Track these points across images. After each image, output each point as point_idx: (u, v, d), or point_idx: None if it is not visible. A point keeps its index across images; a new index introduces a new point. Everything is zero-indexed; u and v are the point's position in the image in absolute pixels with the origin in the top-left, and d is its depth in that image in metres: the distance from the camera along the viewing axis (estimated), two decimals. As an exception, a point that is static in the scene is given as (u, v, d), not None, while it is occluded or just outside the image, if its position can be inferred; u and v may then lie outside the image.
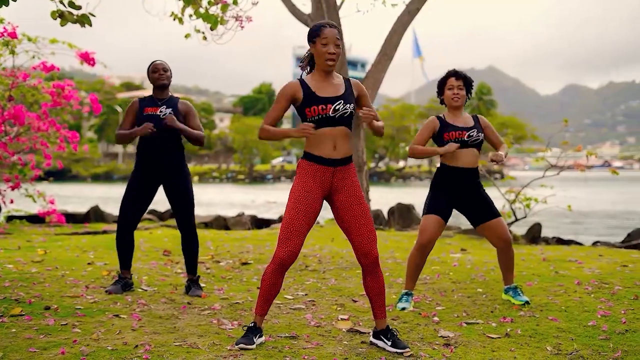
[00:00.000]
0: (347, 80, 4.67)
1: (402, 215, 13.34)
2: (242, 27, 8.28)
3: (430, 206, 5.86)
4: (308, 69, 4.66)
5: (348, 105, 4.52)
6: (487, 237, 5.97)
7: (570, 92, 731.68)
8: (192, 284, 6.29)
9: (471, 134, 5.81)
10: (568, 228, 19.13)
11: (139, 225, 11.89)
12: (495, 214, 5.88)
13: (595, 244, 11.83)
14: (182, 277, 7.02)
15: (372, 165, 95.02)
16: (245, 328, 4.65)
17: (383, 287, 4.65)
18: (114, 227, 12.10)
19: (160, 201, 8.75)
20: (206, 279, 6.88)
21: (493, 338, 4.76)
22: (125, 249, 6.30)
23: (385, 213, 14.14)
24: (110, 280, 6.68)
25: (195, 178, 76.44)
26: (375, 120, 4.57)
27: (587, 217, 23.26)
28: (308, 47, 4.65)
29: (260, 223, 14.32)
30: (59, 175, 51.25)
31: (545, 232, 12.29)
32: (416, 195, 37.22)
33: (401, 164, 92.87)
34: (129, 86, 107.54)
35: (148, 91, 6.56)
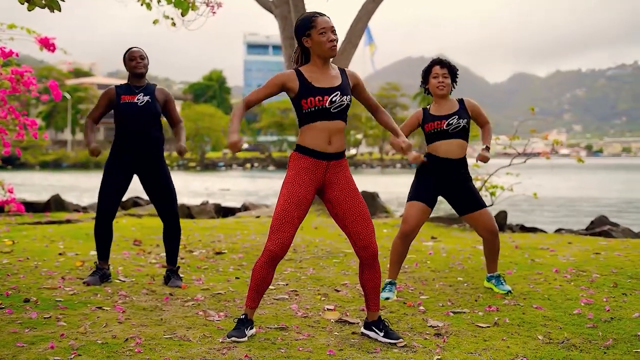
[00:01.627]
0: (342, 71, 4.59)
1: (366, 203, 13.29)
2: (214, 12, 8.17)
3: (415, 193, 5.82)
4: (299, 65, 4.56)
5: (345, 97, 4.44)
6: (473, 227, 5.96)
7: (518, 81, 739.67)
8: (172, 274, 6.19)
9: (451, 122, 5.75)
10: (530, 215, 19.33)
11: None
12: (481, 205, 5.86)
13: (558, 231, 11.94)
14: (158, 267, 6.91)
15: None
16: (235, 320, 4.57)
17: (379, 281, 4.61)
18: (76, 216, 11.90)
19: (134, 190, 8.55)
20: (182, 269, 6.77)
21: (482, 327, 4.76)
22: (104, 239, 6.17)
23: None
24: (85, 270, 6.55)
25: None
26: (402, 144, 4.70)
27: (547, 204, 23.53)
28: (258, 34, 4.56)
29: (225, 211, 14.20)
30: (7, 163, 50.15)
31: (509, 220, 12.35)
32: (376, 184, 37.41)
33: (352, 151, 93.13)
34: (77, 73, 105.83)
35: (97, 78, 6.41)
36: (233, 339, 4.32)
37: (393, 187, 36.93)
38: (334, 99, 4.39)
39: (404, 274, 6.66)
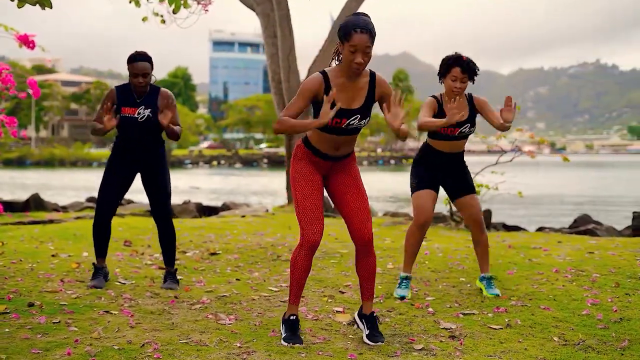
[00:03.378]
0: (372, 81, 4.40)
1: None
2: (207, 10, 8.07)
3: (419, 182, 5.82)
4: (338, 58, 4.40)
5: (364, 121, 4.38)
6: (462, 214, 5.98)
7: (482, 78, 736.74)
8: (169, 275, 6.10)
9: (463, 131, 5.72)
10: (509, 214, 19.43)
11: (84, 214, 11.57)
12: (470, 190, 5.86)
13: (540, 229, 11.99)
14: (154, 268, 6.82)
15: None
16: (285, 324, 4.50)
17: (374, 269, 4.63)
18: (57, 215, 11.71)
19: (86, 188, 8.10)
20: (179, 271, 6.67)
21: (496, 329, 4.75)
22: (103, 237, 6.08)
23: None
24: (82, 272, 6.44)
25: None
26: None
27: (522, 202, 23.65)
28: (223, 31, 4.43)
29: (207, 211, 14.06)
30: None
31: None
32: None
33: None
34: (40, 69, 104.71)
35: (61, 75, 6.20)
36: (297, 345, 4.29)
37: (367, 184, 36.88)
38: (352, 122, 4.34)
39: (405, 274, 6.63)
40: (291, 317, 4.47)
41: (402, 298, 5.69)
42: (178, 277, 6.25)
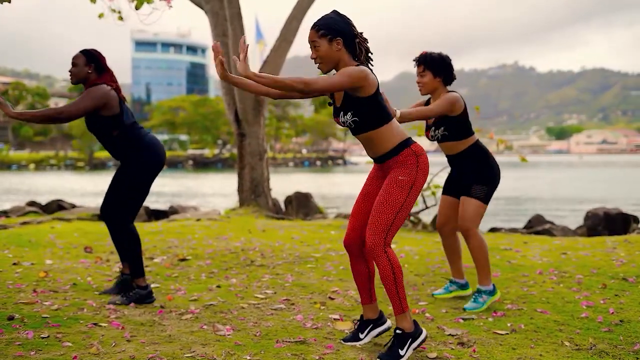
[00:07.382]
0: None
1: (300, 204, 13.04)
2: (170, 6, 7.77)
3: (443, 187, 5.82)
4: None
5: (346, 115, 4.16)
6: None
7: (404, 80, 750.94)
8: (122, 284, 5.79)
9: (432, 134, 5.58)
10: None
11: (29, 219, 11.12)
12: (464, 192, 5.49)
13: (493, 230, 11.98)
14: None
15: (215, 151, 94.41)
16: (356, 323, 4.60)
17: (366, 277, 4.50)
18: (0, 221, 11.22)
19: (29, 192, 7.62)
20: (152, 278, 6.39)
21: (502, 334, 4.64)
22: (117, 245, 5.79)
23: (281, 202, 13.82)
24: (53, 282, 6.09)
25: (32, 166, 73.62)
26: None
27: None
28: (146, 31, 4.25)
29: (156, 214, 13.66)
30: None
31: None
32: (300, 183, 37.13)
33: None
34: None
35: None
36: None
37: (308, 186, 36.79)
38: (342, 120, 4.22)
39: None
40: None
41: (433, 295, 5.80)
42: (152, 285, 5.98)
